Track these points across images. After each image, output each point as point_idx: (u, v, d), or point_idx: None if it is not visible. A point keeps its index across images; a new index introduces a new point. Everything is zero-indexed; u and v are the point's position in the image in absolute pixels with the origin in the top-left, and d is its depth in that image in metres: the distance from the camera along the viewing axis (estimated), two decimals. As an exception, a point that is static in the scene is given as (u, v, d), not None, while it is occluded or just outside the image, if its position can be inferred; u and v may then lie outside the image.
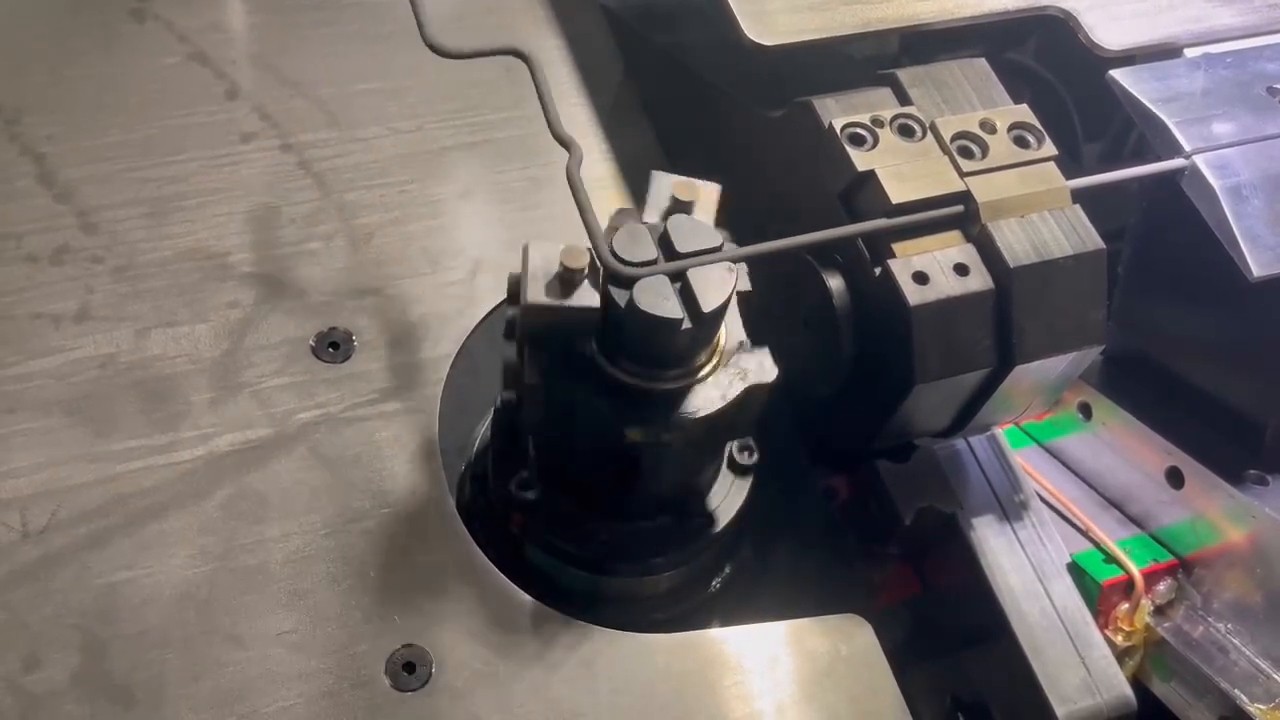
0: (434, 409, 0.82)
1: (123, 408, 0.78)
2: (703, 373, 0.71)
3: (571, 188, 0.71)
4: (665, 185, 0.75)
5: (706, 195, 0.75)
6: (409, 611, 0.75)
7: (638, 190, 0.95)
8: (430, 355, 0.84)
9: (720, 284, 0.68)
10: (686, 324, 0.67)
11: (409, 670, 0.73)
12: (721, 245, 0.71)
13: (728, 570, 0.86)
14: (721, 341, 0.72)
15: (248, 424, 0.79)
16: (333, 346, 0.83)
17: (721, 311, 0.69)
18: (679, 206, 0.73)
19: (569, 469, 0.78)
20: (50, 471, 0.75)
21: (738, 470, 0.82)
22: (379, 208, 0.90)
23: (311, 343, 0.83)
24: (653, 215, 0.73)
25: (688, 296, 0.68)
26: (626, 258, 0.68)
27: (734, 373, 0.71)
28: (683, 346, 0.70)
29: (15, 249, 0.83)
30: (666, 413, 0.70)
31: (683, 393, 0.71)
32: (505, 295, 0.86)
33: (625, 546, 0.79)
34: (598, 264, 0.69)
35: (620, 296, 0.68)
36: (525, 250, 0.70)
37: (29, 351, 0.79)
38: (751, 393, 0.72)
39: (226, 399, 0.80)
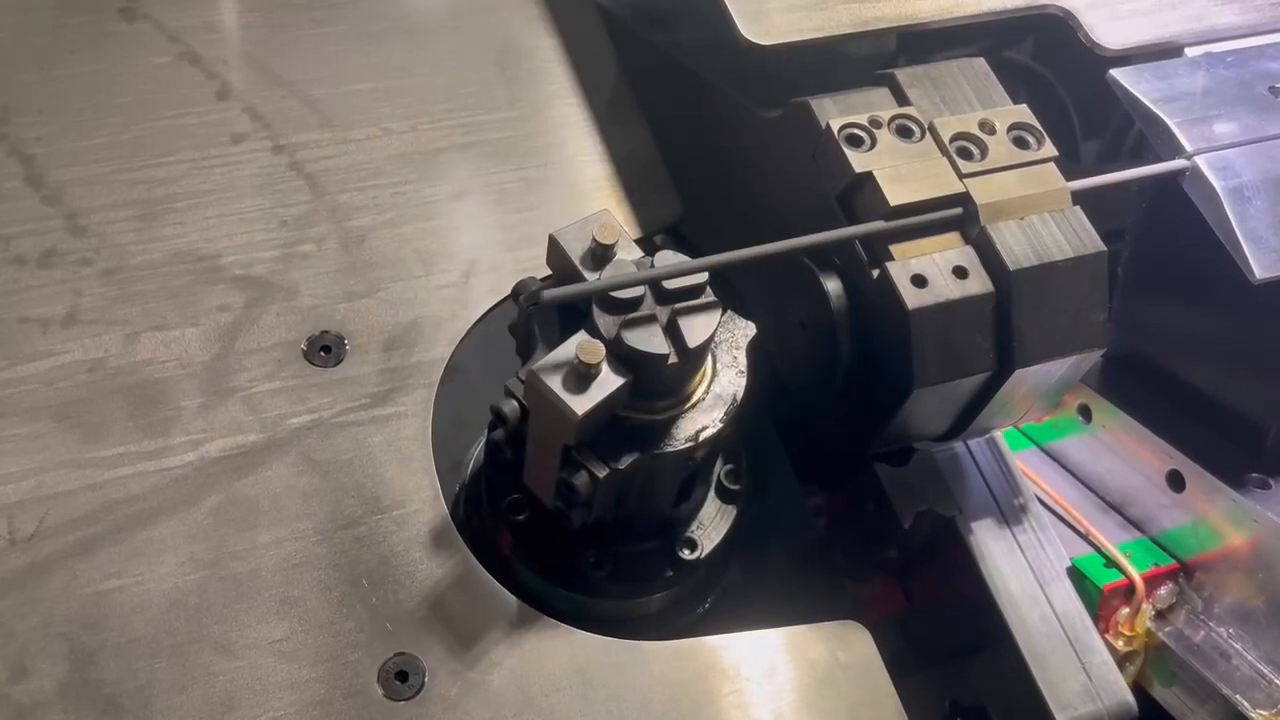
0: (427, 413, 0.81)
1: (112, 413, 0.77)
2: (691, 401, 0.72)
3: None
4: (577, 234, 0.73)
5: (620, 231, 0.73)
6: (402, 619, 0.74)
7: (633, 190, 0.95)
8: (423, 359, 0.83)
9: (705, 320, 0.70)
10: (674, 359, 0.68)
11: (401, 679, 0.72)
12: (706, 281, 0.72)
13: (715, 593, 0.85)
14: (707, 374, 0.73)
15: (238, 429, 0.78)
16: (325, 350, 0.82)
17: (707, 346, 0.70)
18: (601, 249, 0.72)
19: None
20: (38, 478, 0.74)
21: (724, 496, 0.82)
22: (372, 209, 0.89)
23: (303, 346, 0.82)
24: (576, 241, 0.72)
25: (674, 333, 0.69)
26: (615, 295, 0.69)
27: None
28: (669, 380, 0.71)
29: (2, 251, 0.82)
30: (658, 442, 0.71)
31: (673, 422, 0.71)
32: (499, 299, 0.86)
33: (625, 570, 0.79)
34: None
35: (608, 330, 0.69)
36: (533, 374, 0.68)
37: (16, 356, 0.78)
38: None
39: (217, 404, 0.79)
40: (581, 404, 0.66)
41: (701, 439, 0.71)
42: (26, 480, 0.74)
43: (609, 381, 0.67)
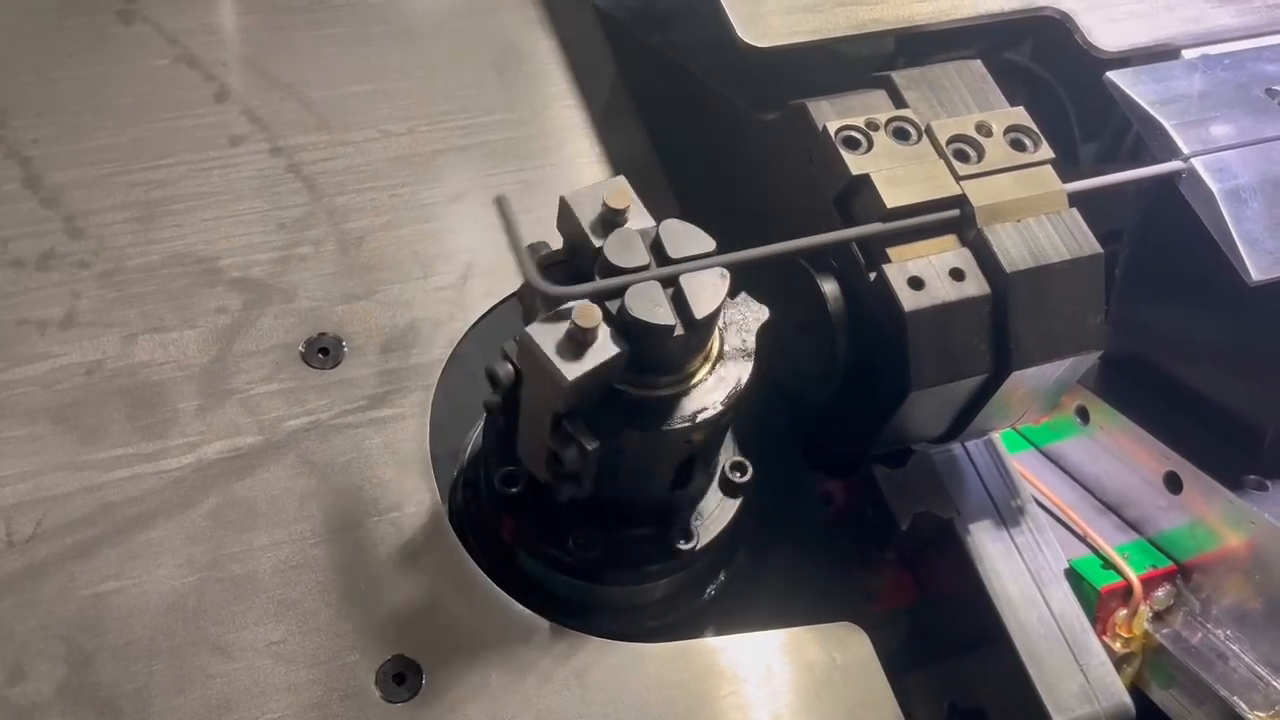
0: (425, 415, 0.81)
1: (109, 415, 0.77)
2: (694, 379, 0.71)
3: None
4: (589, 199, 0.72)
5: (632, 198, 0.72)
6: (399, 621, 0.74)
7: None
8: (421, 360, 0.84)
9: (713, 290, 0.68)
10: (679, 330, 0.67)
11: (399, 681, 0.72)
12: (714, 249, 0.70)
13: (723, 577, 0.85)
14: (715, 349, 0.71)
15: (236, 431, 0.78)
16: (323, 352, 0.82)
17: (714, 318, 0.69)
18: (611, 214, 0.71)
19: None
20: (36, 480, 0.74)
21: (729, 490, 0.81)
22: (370, 211, 0.89)
23: (301, 348, 0.82)
24: (587, 205, 0.71)
25: (680, 303, 0.67)
26: (618, 264, 0.68)
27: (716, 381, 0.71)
28: (672, 353, 0.69)
29: (0, 254, 0.82)
30: (656, 419, 0.69)
31: (673, 400, 0.70)
32: (497, 301, 0.86)
33: (618, 554, 0.78)
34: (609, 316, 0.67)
35: (611, 304, 0.67)
36: (527, 336, 0.66)
37: (14, 358, 0.78)
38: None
39: (215, 406, 0.79)
40: (573, 370, 0.64)
41: (699, 420, 0.69)
42: (24, 482, 0.74)
43: (605, 349, 0.65)
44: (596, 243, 0.70)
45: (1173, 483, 0.92)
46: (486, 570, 0.77)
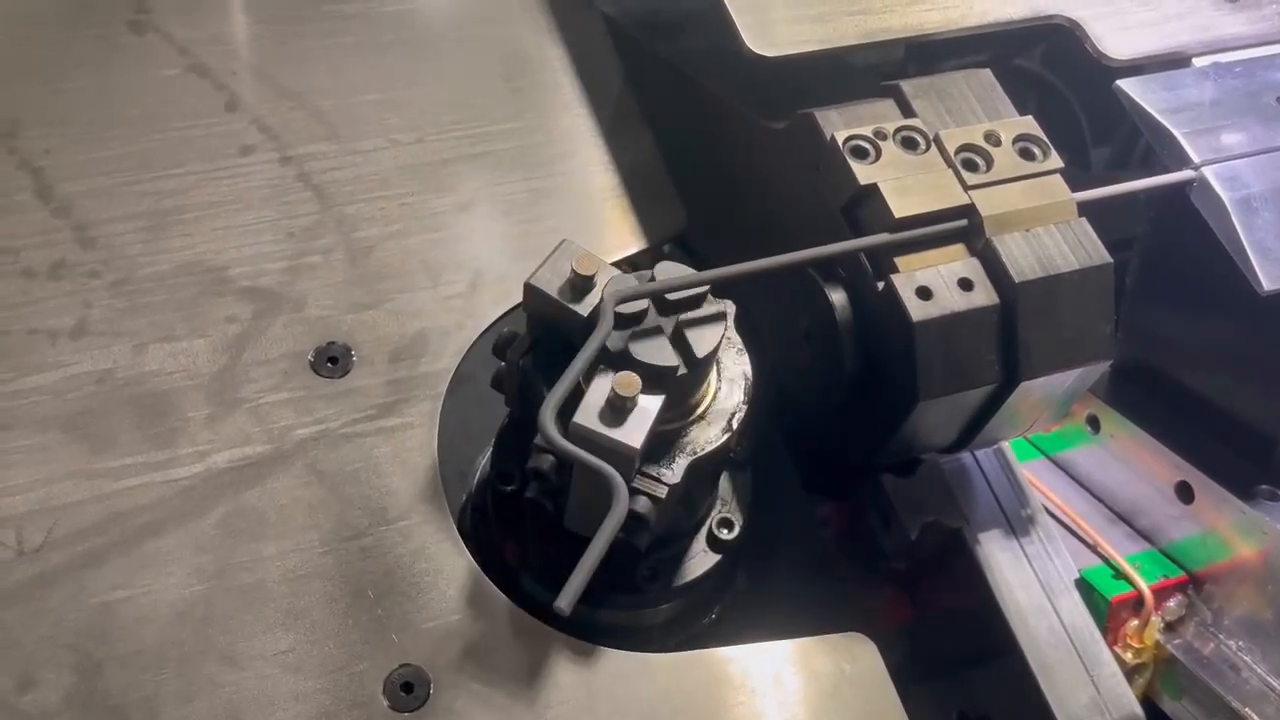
0: (433, 424, 0.82)
1: (119, 424, 0.78)
2: (696, 412, 0.72)
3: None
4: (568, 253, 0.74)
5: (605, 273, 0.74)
6: (407, 630, 0.74)
7: (638, 201, 0.95)
8: (430, 370, 0.84)
9: (712, 330, 0.70)
10: (682, 370, 0.68)
11: (407, 690, 0.72)
12: (707, 291, 0.72)
13: (722, 603, 0.85)
14: (712, 386, 0.73)
15: (245, 440, 0.79)
16: (331, 361, 0.83)
17: (713, 356, 0.70)
18: (579, 280, 0.73)
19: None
20: (46, 489, 0.75)
21: (714, 545, 0.82)
22: (379, 220, 0.89)
23: (310, 358, 0.82)
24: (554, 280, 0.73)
25: (680, 344, 0.69)
26: (623, 312, 0.70)
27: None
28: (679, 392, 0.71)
29: (12, 264, 0.82)
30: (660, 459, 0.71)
31: (677, 434, 0.71)
32: (506, 309, 0.86)
33: (676, 569, 0.79)
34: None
35: (616, 342, 0.68)
36: (577, 425, 0.67)
37: (25, 367, 0.78)
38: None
39: (224, 415, 0.79)
40: (634, 437, 0.66)
41: (735, 425, 0.72)
42: (35, 491, 0.75)
43: (649, 405, 0.67)
44: (578, 309, 0.71)
45: (1184, 492, 0.91)
46: (494, 579, 0.77)
